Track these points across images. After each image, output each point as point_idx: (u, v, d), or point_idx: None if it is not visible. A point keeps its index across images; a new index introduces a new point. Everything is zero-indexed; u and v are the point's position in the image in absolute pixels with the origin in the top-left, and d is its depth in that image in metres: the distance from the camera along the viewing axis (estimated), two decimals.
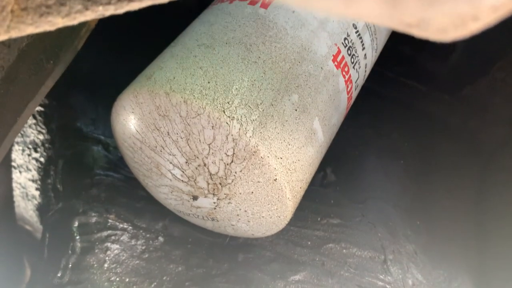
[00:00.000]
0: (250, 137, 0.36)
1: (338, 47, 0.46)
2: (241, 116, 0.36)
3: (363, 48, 0.50)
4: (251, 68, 0.39)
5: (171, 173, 0.42)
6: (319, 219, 0.55)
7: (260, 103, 0.38)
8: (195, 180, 0.41)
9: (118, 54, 0.64)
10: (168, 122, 0.38)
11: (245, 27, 0.42)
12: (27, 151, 0.62)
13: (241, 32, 0.42)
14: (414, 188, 0.63)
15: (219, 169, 0.39)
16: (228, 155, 0.38)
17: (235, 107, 0.37)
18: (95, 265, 0.47)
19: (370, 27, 0.51)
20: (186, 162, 0.40)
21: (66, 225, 0.49)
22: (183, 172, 0.41)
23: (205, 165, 0.39)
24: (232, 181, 0.39)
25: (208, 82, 0.37)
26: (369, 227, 0.55)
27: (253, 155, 0.37)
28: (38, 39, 0.38)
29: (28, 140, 0.61)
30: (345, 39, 0.47)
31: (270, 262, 0.50)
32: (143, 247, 0.50)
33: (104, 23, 0.52)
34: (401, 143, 0.67)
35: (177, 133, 0.38)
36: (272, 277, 0.49)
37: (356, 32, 0.48)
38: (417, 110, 0.72)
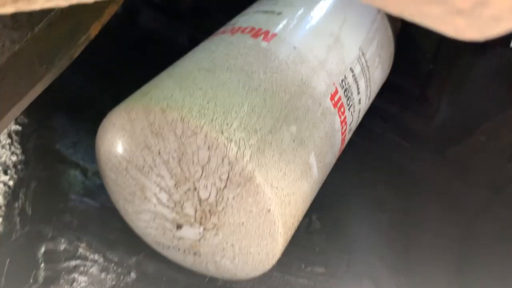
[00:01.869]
0: (247, 161, 0.34)
1: (336, 87, 0.46)
2: (239, 139, 0.35)
3: (358, 93, 0.50)
4: (252, 94, 0.38)
5: (156, 197, 0.39)
6: (303, 266, 0.52)
7: (259, 129, 0.36)
8: (182, 206, 0.38)
9: (105, 82, 0.62)
10: (160, 140, 0.36)
11: (246, 56, 0.42)
12: None
13: (243, 61, 0.41)
14: (399, 243, 0.61)
15: (210, 194, 0.37)
16: (221, 179, 0.35)
17: (234, 130, 0.35)
18: None
19: (365, 74, 0.51)
20: (175, 185, 0.37)
21: (31, 251, 0.45)
22: (170, 196, 0.38)
23: (195, 189, 0.37)
24: (223, 209, 0.37)
25: (207, 103, 0.36)
26: (355, 279, 0.53)
27: (249, 181, 0.35)
28: (33, 42, 0.36)
29: None
30: (342, 80, 0.47)
31: None
32: (113, 283, 0.46)
33: (95, 50, 0.51)
34: (386, 197, 0.66)
35: (169, 153, 0.36)
36: None
37: (353, 76, 0.49)
38: (402, 166, 0.71)
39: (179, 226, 0.40)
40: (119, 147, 0.38)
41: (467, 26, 0.17)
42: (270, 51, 0.43)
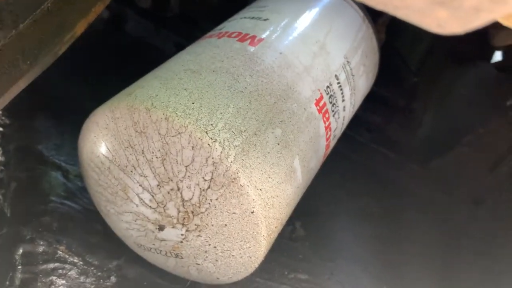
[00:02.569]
0: (231, 162, 0.34)
1: (321, 93, 0.46)
2: (223, 140, 0.35)
3: (343, 100, 0.51)
4: (237, 96, 0.38)
5: (139, 197, 0.39)
6: (286, 273, 0.51)
7: (244, 131, 0.36)
8: (164, 206, 0.38)
9: (91, 86, 0.62)
10: (144, 139, 0.36)
11: (233, 59, 0.42)
12: None
13: (229, 63, 0.41)
14: (383, 253, 0.61)
15: (193, 195, 0.36)
16: (205, 180, 0.35)
17: (219, 130, 0.35)
18: None
19: (350, 82, 0.52)
20: (158, 185, 0.37)
21: (8, 252, 0.43)
22: (153, 196, 0.38)
23: (178, 189, 0.36)
24: (206, 210, 0.37)
25: (193, 103, 0.36)
26: (337, 287, 0.52)
27: (232, 182, 0.35)
28: (17, 39, 0.36)
29: None
30: (327, 87, 0.47)
31: None
32: (92, 286, 0.45)
33: (78, 52, 0.50)
34: (370, 207, 0.67)
35: (153, 152, 0.36)
36: None
37: (338, 84, 0.49)
38: (386, 177, 0.72)
39: (161, 228, 0.39)
40: (102, 146, 0.38)
41: (449, 18, 0.17)
42: (257, 55, 0.43)
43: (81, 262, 0.46)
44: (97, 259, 0.47)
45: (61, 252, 0.45)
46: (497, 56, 0.73)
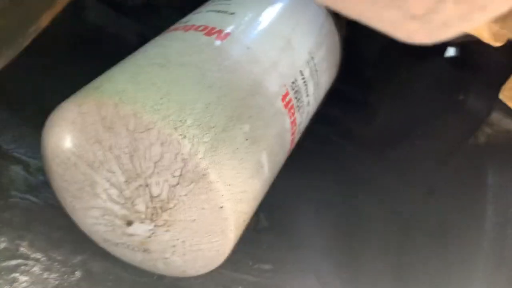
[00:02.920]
0: (201, 158, 0.35)
1: (286, 89, 0.47)
2: (193, 136, 0.35)
3: (307, 95, 0.52)
4: (206, 92, 0.39)
5: (106, 193, 0.38)
6: (251, 263, 0.53)
7: (213, 127, 0.37)
8: (132, 202, 0.38)
9: (48, 76, 0.60)
10: (112, 135, 0.35)
11: (200, 54, 0.42)
12: None
13: (197, 58, 0.41)
14: (343, 241, 0.63)
15: (162, 191, 0.36)
16: (174, 176, 0.35)
17: (187, 127, 0.35)
18: None
19: (314, 77, 0.53)
20: (126, 181, 0.37)
21: None
22: (120, 192, 0.38)
23: (147, 185, 0.36)
24: (174, 206, 0.37)
25: (161, 98, 0.36)
26: (300, 274, 0.54)
27: (202, 178, 0.35)
28: None
29: None
30: (293, 82, 0.48)
31: None
32: (57, 282, 0.44)
33: (38, 43, 0.49)
34: (331, 197, 0.69)
35: (121, 148, 0.36)
36: None
37: (303, 79, 0.50)
38: (346, 168, 0.74)
39: (129, 223, 0.39)
40: (68, 142, 0.37)
41: (419, 30, 0.18)
42: (224, 49, 0.43)
43: (44, 258, 0.45)
44: (60, 254, 0.46)
45: (23, 248, 0.44)
46: (450, 51, 0.77)
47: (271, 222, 0.59)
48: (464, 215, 0.67)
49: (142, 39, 0.75)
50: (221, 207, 0.37)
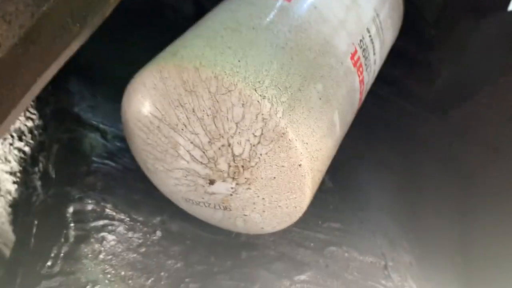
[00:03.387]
0: (280, 118, 0.36)
1: (355, 47, 0.46)
2: (272, 96, 0.36)
3: (374, 54, 0.51)
4: (279, 52, 0.39)
5: (190, 154, 0.40)
6: (320, 222, 0.54)
7: (289, 87, 0.37)
8: (215, 162, 0.39)
9: (118, 48, 0.62)
10: (194, 98, 0.37)
11: (270, 16, 0.42)
12: (9, 140, 0.58)
13: (267, 20, 0.42)
14: (406, 202, 0.63)
15: (244, 150, 0.38)
16: (255, 136, 0.36)
17: (266, 87, 0.36)
18: (90, 255, 0.44)
19: (380, 35, 0.52)
20: (209, 142, 0.38)
21: (59, 212, 0.45)
22: (204, 152, 0.39)
23: (229, 145, 0.38)
24: (256, 164, 0.38)
25: (239, 61, 0.37)
26: (369, 234, 0.55)
27: (281, 136, 0.36)
28: (63, 2, 0.36)
29: (12, 127, 0.57)
30: (360, 41, 0.48)
31: (275, 261, 0.48)
32: (140, 241, 0.47)
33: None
34: (392, 158, 0.68)
35: (204, 110, 0.37)
36: (277, 275, 0.47)
37: (370, 37, 0.50)
38: (405, 129, 0.74)
39: (211, 182, 0.41)
40: (151, 106, 0.39)
41: None
42: (292, 10, 0.43)
43: (127, 219, 0.48)
44: (141, 215, 0.49)
45: (108, 210, 0.47)
46: None
47: (334, 183, 0.60)
48: None
49: (199, 7, 0.77)
50: (300, 165, 0.38)
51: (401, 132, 0.73)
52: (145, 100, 0.39)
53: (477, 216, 0.69)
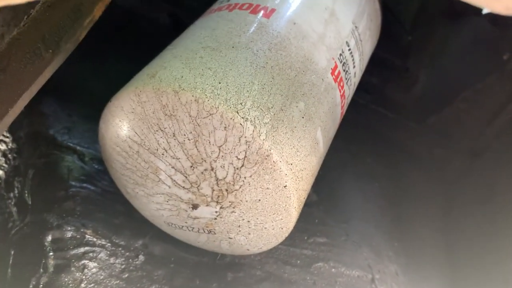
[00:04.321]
0: (264, 140, 0.35)
1: (335, 62, 0.46)
2: (254, 118, 0.35)
3: (354, 66, 0.51)
4: (260, 72, 0.38)
5: (171, 179, 0.39)
6: (306, 237, 0.53)
7: (271, 107, 0.37)
8: (198, 186, 0.38)
9: (90, 64, 0.60)
10: (175, 122, 0.36)
11: (249, 34, 0.42)
12: None
13: (246, 38, 0.41)
14: (390, 210, 0.63)
15: (227, 173, 0.37)
16: (239, 159, 0.36)
17: (248, 109, 0.35)
18: (71, 285, 0.42)
19: (359, 47, 0.52)
20: (191, 166, 0.37)
21: (37, 240, 0.44)
22: (186, 177, 0.38)
23: (212, 169, 0.37)
24: (240, 187, 0.37)
25: (219, 83, 0.36)
26: (355, 247, 0.55)
27: (266, 159, 0.35)
28: (33, 26, 0.35)
29: None
30: (340, 54, 0.47)
31: (261, 281, 0.48)
32: (123, 266, 0.46)
33: None
34: (375, 167, 0.68)
35: (185, 134, 0.36)
36: None
37: (349, 50, 0.49)
38: (386, 136, 0.74)
39: (195, 206, 0.40)
40: (130, 131, 0.38)
41: None
42: (272, 27, 0.43)
43: (109, 244, 0.46)
44: (123, 239, 0.47)
45: (88, 236, 0.46)
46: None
47: (319, 195, 0.59)
48: (511, 177, 0.66)
49: (175, 19, 0.75)
50: (285, 186, 0.37)
51: (383, 141, 0.74)
52: (123, 125, 0.38)
53: (461, 223, 0.69)
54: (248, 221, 0.40)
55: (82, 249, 0.45)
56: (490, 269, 0.59)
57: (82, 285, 0.43)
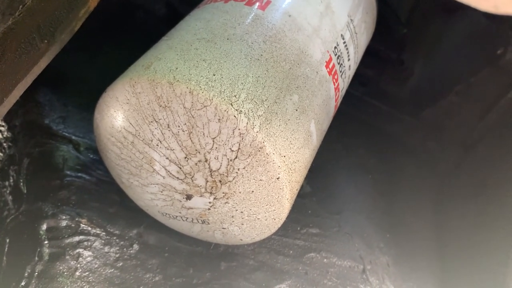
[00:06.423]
0: (257, 132, 0.35)
1: (330, 55, 0.46)
2: (248, 110, 0.35)
3: (349, 59, 0.51)
4: (255, 64, 0.39)
5: (165, 169, 0.39)
6: (299, 228, 0.54)
7: (265, 100, 0.37)
8: (192, 177, 0.39)
9: (88, 52, 0.60)
10: (169, 113, 0.36)
11: (244, 26, 0.42)
12: None
13: (241, 30, 0.41)
14: (382, 202, 0.64)
15: (221, 165, 0.37)
16: (233, 151, 0.36)
17: (242, 101, 0.35)
18: (65, 273, 0.43)
19: (354, 40, 0.52)
20: (185, 158, 0.38)
21: (32, 229, 0.44)
22: (180, 168, 0.39)
23: (206, 160, 0.37)
24: (234, 179, 0.38)
25: (214, 75, 0.36)
26: (347, 238, 0.55)
27: (259, 151, 0.36)
28: (28, 16, 0.35)
29: None
30: (335, 47, 0.48)
31: (254, 270, 0.48)
32: (117, 255, 0.46)
33: None
34: (368, 159, 0.69)
35: (179, 126, 0.36)
36: (257, 285, 0.47)
37: (344, 43, 0.50)
38: (380, 129, 0.74)
39: (188, 197, 0.41)
40: (125, 121, 0.38)
41: (507, 1, 0.18)
42: (267, 19, 0.43)
43: (103, 233, 0.47)
44: (118, 228, 0.48)
45: (83, 225, 0.46)
46: None
47: (313, 187, 0.60)
48: (503, 170, 0.67)
49: (171, 9, 0.75)
50: (278, 178, 0.37)
51: (376, 133, 0.74)
52: (118, 115, 0.39)
53: (452, 215, 0.70)
54: (242, 212, 0.40)
55: (77, 238, 0.45)
56: (479, 261, 0.60)
57: (77, 273, 0.43)
